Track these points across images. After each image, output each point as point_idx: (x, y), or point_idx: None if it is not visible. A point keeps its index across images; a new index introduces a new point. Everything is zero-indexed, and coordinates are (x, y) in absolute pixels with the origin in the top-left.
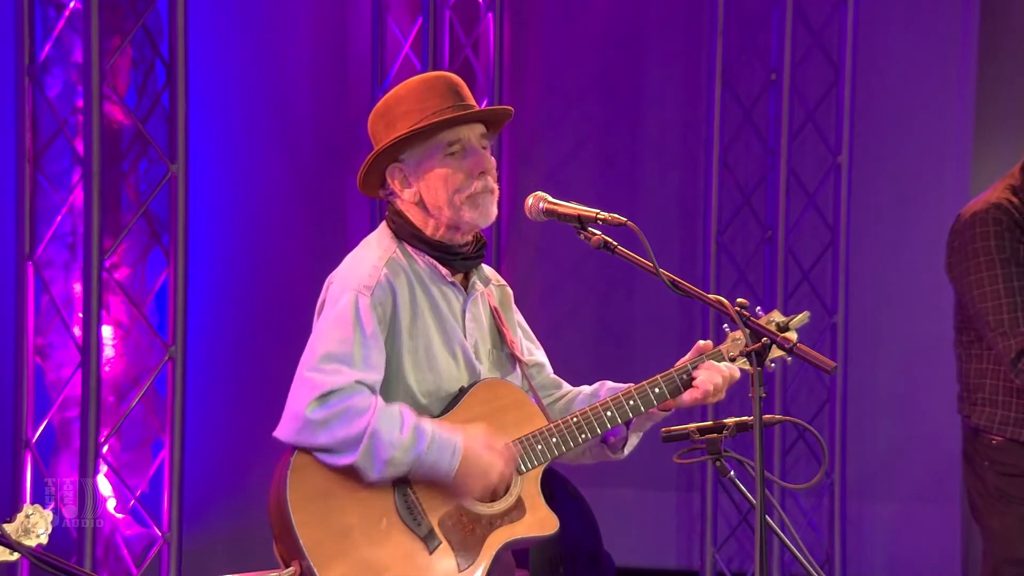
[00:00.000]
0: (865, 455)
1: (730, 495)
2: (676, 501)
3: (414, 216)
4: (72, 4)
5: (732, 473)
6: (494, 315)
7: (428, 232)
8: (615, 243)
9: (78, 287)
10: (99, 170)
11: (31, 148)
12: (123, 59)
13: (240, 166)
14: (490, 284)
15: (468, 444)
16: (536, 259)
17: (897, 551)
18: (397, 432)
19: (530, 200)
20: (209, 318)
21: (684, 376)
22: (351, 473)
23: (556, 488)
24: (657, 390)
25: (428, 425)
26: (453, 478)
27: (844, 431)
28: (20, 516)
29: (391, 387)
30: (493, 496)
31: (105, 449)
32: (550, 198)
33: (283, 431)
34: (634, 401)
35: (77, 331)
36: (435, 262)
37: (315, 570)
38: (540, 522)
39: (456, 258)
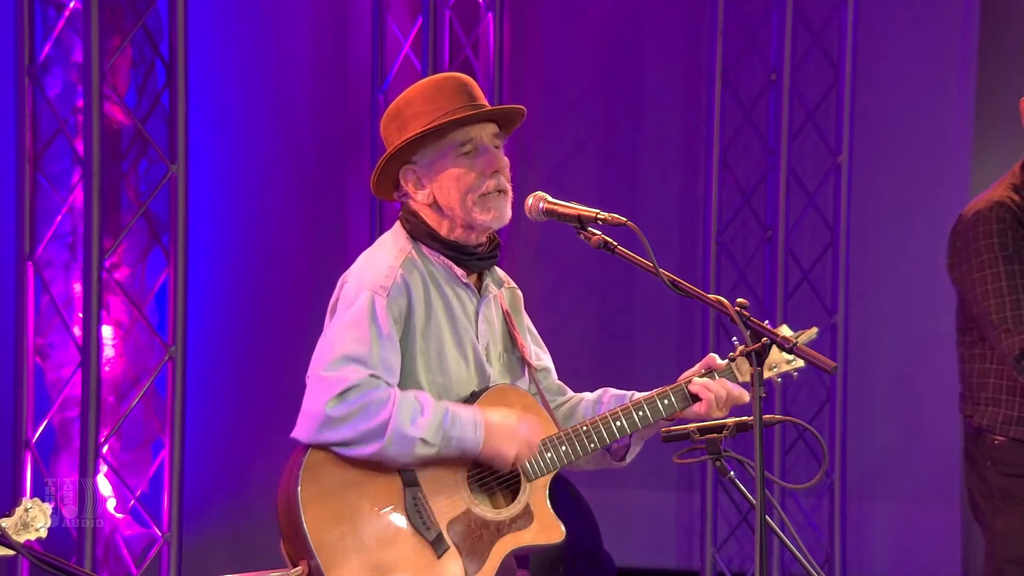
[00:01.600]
0: (865, 455)
1: (730, 495)
2: (676, 501)
3: (428, 216)
4: (72, 4)
5: (732, 473)
6: (506, 318)
7: (443, 232)
8: (615, 243)
9: (78, 287)
10: (99, 170)
11: (31, 148)
12: (123, 59)
13: (240, 166)
14: (503, 286)
15: (489, 415)
16: (536, 259)
17: (897, 551)
18: (419, 416)
19: (530, 200)
20: (209, 318)
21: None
22: (363, 473)
23: (557, 489)
24: (666, 401)
25: (447, 404)
26: (481, 449)
27: (844, 431)
28: (19, 510)
29: (402, 387)
30: (508, 500)
31: (105, 449)
32: (550, 198)
33: (301, 431)
34: (644, 412)
35: (77, 331)
36: (450, 262)
37: (323, 570)
38: (547, 530)
39: (471, 258)
